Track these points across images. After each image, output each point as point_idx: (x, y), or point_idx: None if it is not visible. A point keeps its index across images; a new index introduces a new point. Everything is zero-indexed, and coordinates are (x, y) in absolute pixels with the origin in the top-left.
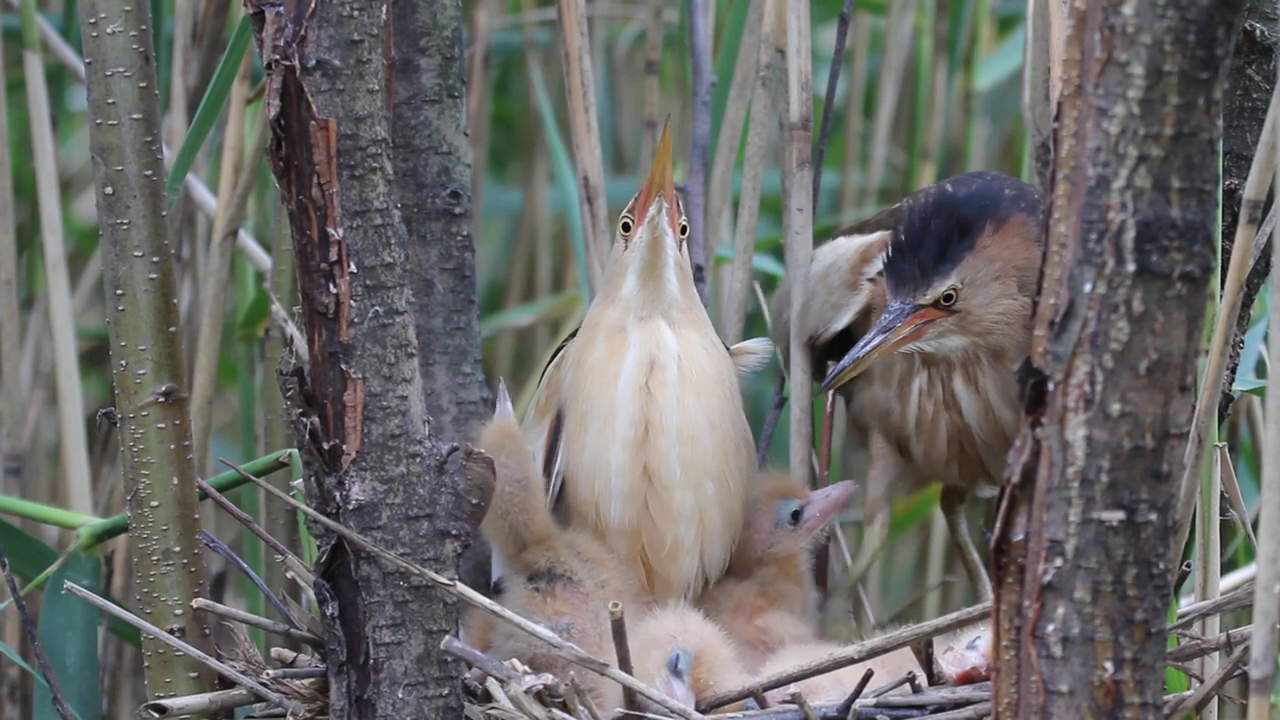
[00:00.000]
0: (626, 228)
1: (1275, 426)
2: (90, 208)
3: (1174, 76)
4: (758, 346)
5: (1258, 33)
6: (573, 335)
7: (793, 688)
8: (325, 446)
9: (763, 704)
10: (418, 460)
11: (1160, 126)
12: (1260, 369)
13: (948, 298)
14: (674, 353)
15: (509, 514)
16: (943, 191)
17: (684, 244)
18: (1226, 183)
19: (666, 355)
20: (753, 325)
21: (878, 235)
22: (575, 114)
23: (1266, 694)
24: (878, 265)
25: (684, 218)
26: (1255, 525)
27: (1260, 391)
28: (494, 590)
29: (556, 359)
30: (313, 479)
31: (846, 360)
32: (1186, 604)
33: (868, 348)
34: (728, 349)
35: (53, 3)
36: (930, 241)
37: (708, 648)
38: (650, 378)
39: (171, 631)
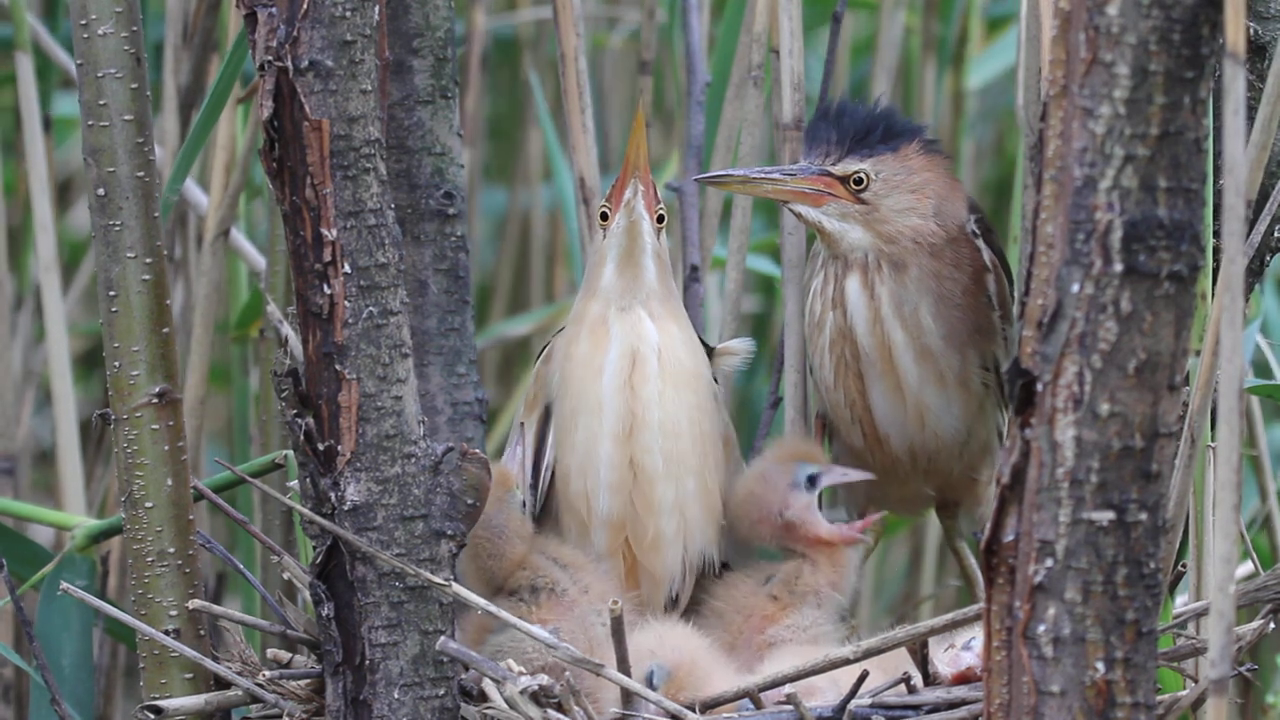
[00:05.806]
0: (605, 216)
1: (1227, 426)
2: (83, 217)
3: (1159, 76)
4: (740, 347)
5: (1251, 31)
6: (560, 330)
7: (788, 688)
8: (320, 447)
9: (758, 704)
10: (413, 461)
11: (1146, 126)
12: (1258, 367)
13: (858, 181)
14: (654, 345)
15: (479, 557)
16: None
17: (662, 232)
18: (1219, 182)
19: (647, 348)
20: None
21: None
22: (571, 115)
23: (1224, 695)
24: None
25: (661, 205)
26: (1249, 524)
27: (1258, 391)
28: None
29: (544, 354)
30: (308, 480)
31: (736, 170)
32: (1181, 603)
33: (760, 174)
34: (712, 349)
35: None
36: (855, 121)
37: (686, 660)
38: (633, 373)
39: (167, 632)
